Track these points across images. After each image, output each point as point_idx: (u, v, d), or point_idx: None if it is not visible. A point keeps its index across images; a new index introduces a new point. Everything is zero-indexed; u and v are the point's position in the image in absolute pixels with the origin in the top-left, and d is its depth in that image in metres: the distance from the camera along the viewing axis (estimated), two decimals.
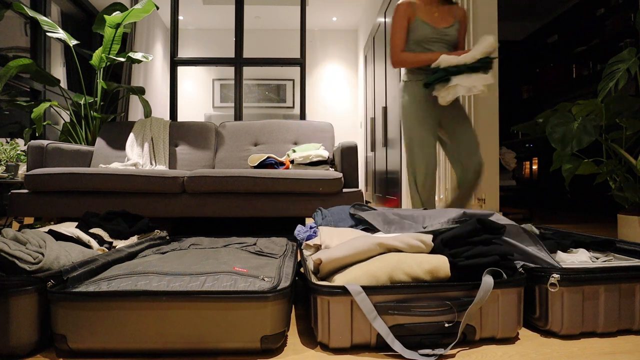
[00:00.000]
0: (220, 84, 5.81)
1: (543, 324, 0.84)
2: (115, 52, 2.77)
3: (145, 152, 2.48)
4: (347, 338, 0.75)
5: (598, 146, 2.23)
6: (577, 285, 0.81)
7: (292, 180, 1.97)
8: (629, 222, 1.87)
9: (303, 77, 3.67)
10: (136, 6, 2.63)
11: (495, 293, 0.79)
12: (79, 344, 0.71)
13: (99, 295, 0.71)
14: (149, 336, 0.71)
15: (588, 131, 1.89)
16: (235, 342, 0.72)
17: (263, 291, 0.73)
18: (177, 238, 1.40)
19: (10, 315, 0.71)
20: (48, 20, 2.70)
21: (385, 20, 3.75)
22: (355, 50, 5.87)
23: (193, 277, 0.77)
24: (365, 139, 5.15)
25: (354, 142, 2.19)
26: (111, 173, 1.96)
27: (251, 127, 2.66)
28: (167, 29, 5.63)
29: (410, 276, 0.78)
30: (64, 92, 2.85)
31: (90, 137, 2.80)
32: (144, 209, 2.00)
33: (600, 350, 0.78)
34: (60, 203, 1.99)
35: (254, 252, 1.08)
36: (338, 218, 1.31)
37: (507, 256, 0.83)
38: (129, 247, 1.08)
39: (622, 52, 1.95)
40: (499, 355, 0.75)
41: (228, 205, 2.01)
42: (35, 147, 2.12)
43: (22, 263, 0.77)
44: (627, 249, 1.06)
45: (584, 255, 1.01)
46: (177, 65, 3.61)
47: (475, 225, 0.86)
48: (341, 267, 0.84)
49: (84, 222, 1.23)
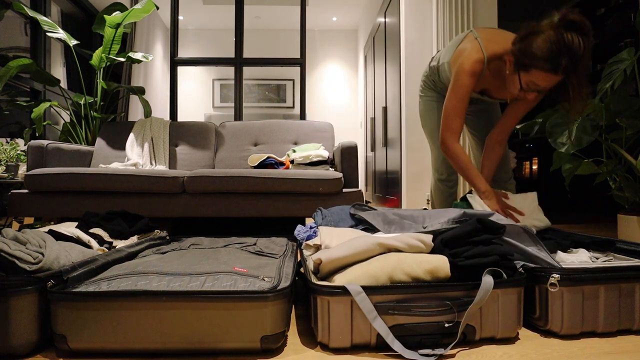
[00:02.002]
0: (220, 84, 5.81)
1: (543, 324, 0.84)
2: (115, 52, 2.77)
3: (145, 152, 2.48)
4: (347, 338, 0.75)
5: (598, 146, 2.23)
6: (577, 285, 0.81)
7: (292, 180, 1.97)
8: (629, 222, 1.87)
9: (303, 77, 3.67)
10: (136, 6, 2.63)
11: (495, 293, 0.79)
12: (79, 344, 0.71)
13: (99, 295, 0.71)
14: (149, 336, 0.71)
15: (587, 131, 1.89)
16: (235, 342, 0.72)
17: (263, 291, 0.73)
18: (177, 238, 1.40)
19: (10, 315, 0.71)
20: (48, 20, 2.70)
21: (385, 20, 3.75)
22: (355, 50, 5.87)
23: (193, 277, 0.77)
24: (365, 139, 5.15)
25: (354, 142, 2.19)
26: (111, 173, 1.96)
27: (251, 127, 2.66)
28: (167, 29, 5.63)
29: (410, 276, 0.78)
30: (64, 92, 2.85)
31: (90, 137, 2.80)
32: (144, 209, 2.00)
33: (600, 350, 0.78)
34: (60, 203, 1.99)
35: (254, 252, 1.08)
36: (338, 218, 1.31)
37: (507, 256, 0.83)
38: (129, 247, 1.08)
39: (621, 53, 1.95)
40: (499, 355, 0.75)
41: (228, 205, 2.01)
42: (35, 147, 2.12)
43: (22, 263, 0.77)
44: (627, 249, 1.06)
45: (584, 255, 1.01)
46: (177, 65, 3.61)
47: (475, 225, 0.86)
48: (341, 267, 0.84)
49: (84, 222, 1.23)
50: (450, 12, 2.86)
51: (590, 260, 1.00)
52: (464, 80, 1.43)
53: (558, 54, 1.20)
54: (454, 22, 2.86)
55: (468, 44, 1.46)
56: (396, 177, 3.29)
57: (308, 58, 5.85)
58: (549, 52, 1.21)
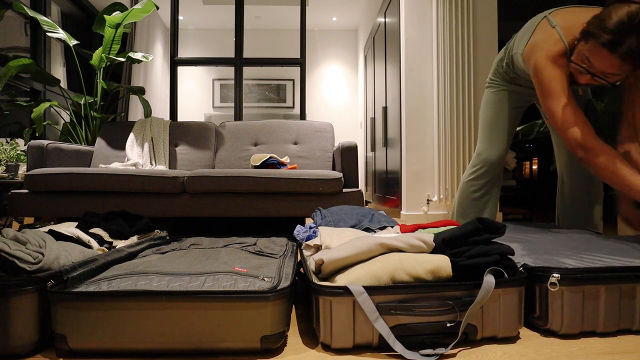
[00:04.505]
0: (220, 84, 5.81)
1: (543, 323, 0.84)
2: (115, 52, 2.77)
3: (145, 152, 2.48)
4: (350, 338, 0.75)
5: None
6: (577, 285, 0.81)
7: (292, 180, 1.97)
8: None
9: (303, 77, 3.67)
10: (136, 6, 2.63)
11: (497, 292, 0.78)
12: (79, 344, 0.71)
13: (99, 295, 0.71)
14: (149, 336, 0.71)
15: None
16: (235, 342, 0.72)
17: (263, 291, 0.72)
18: (177, 238, 1.40)
19: (10, 315, 0.71)
20: (48, 20, 2.69)
21: (385, 20, 3.75)
22: (355, 50, 5.87)
23: (193, 277, 0.77)
24: (365, 139, 5.15)
25: (354, 142, 2.19)
26: (111, 173, 1.96)
27: (251, 127, 2.66)
28: (167, 29, 5.63)
29: (412, 276, 0.78)
30: (64, 92, 2.84)
31: (90, 137, 2.80)
32: (144, 209, 2.00)
33: (600, 350, 0.77)
34: (60, 203, 1.99)
35: (254, 252, 1.08)
36: (338, 218, 1.31)
37: (507, 255, 0.83)
38: (129, 247, 1.08)
39: None
40: (499, 354, 0.75)
41: (228, 205, 2.01)
42: (35, 147, 2.12)
43: (22, 263, 0.77)
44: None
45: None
46: (177, 65, 3.60)
47: (476, 225, 0.86)
48: (343, 268, 0.84)
49: (84, 222, 1.23)
50: (450, 12, 2.86)
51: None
52: (549, 78, 1.18)
53: (627, 30, 1.00)
54: (454, 22, 2.86)
55: (542, 35, 1.23)
56: (396, 177, 3.29)
57: (308, 58, 5.85)
58: (618, 25, 1.01)
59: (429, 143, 2.98)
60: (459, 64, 2.86)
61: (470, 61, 2.87)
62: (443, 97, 2.89)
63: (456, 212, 1.67)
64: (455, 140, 2.85)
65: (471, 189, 1.61)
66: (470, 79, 2.86)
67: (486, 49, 2.94)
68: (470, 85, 2.86)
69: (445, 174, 2.88)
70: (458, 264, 0.80)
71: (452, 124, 2.86)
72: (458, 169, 2.86)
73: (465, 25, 2.86)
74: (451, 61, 2.86)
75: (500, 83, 1.55)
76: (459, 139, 2.86)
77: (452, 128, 2.86)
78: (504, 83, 1.54)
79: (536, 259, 0.91)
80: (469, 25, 2.87)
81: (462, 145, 2.85)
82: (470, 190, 1.61)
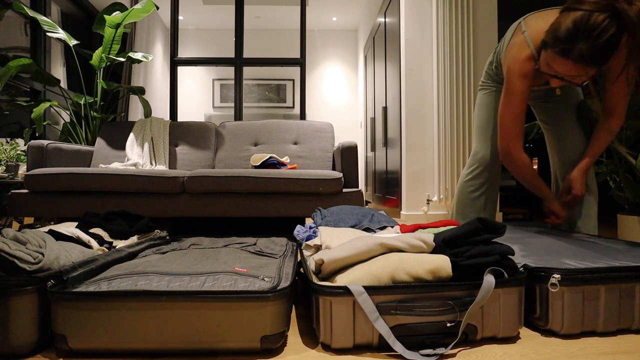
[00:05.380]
0: (220, 84, 5.81)
1: (543, 324, 0.84)
2: (115, 52, 2.77)
3: (145, 152, 2.48)
4: (350, 338, 0.75)
5: None
6: (577, 285, 0.81)
7: (292, 180, 1.97)
8: (628, 222, 1.87)
9: (303, 77, 3.67)
10: (136, 6, 2.63)
11: (497, 292, 0.78)
12: (79, 344, 0.71)
13: (99, 295, 0.71)
14: (149, 336, 0.71)
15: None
16: (235, 342, 0.72)
17: (263, 291, 0.72)
18: (177, 238, 1.40)
19: (10, 315, 0.71)
20: (48, 20, 2.69)
21: (385, 20, 3.75)
22: (355, 50, 5.87)
23: (193, 277, 0.77)
24: (365, 139, 5.15)
25: (354, 142, 2.19)
26: (111, 173, 1.96)
27: (251, 127, 2.66)
28: (167, 29, 5.63)
29: (412, 276, 0.78)
30: (64, 92, 2.85)
31: (90, 137, 2.80)
32: (144, 209, 2.00)
33: (601, 350, 0.77)
34: (60, 203, 1.99)
35: (254, 252, 1.08)
36: (338, 218, 1.31)
37: (508, 255, 0.83)
38: (129, 247, 1.08)
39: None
40: (499, 354, 0.75)
41: (228, 205, 2.01)
42: (35, 147, 2.12)
43: (22, 263, 0.77)
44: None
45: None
46: (177, 65, 3.60)
47: (476, 225, 0.86)
48: (343, 268, 0.84)
49: (84, 222, 1.23)
50: (450, 12, 2.86)
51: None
52: (515, 84, 1.28)
53: (575, 37, 1.06)
54: (454, 22, 2.86)
55: (516, 39, 1.31)
56: (396, 177, 3.29)
57: (308, 58, 5.86)
58: (566, 33, 1.08)
59: (429, 143, 2.98)
60: (459, 64, 2.86)
61: (470, 61, 2.87)
62: (443, 97, 2.89)
63: (455, 212, 1.70)
64: (455, 140, 2.85)
65: (469, 189, 1.63)
66: (470, 79, 2.86)
67: (486, 49, 2.94)
68: (470, 85, 2.86)
69: (445, 174, 2.89)
70: (458, 264, 0.80)
71: (452, 124, 2.86)
72: (458, 169, 2.86)
73: (465, 25, 2.86)
74: (451, 61, 2.86)
75: (491, 85, 1.60)
76: (459, 139, 2.86)
77: (452, 128, 2.86)
78: (495, 85, 1.59)
79: (537, 259, 0.91)
80: (469, 25, 2.87)
81: (462, 145, 2.85)
82: (469, 190, 1.64)
